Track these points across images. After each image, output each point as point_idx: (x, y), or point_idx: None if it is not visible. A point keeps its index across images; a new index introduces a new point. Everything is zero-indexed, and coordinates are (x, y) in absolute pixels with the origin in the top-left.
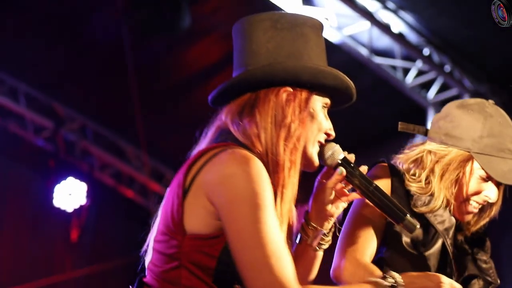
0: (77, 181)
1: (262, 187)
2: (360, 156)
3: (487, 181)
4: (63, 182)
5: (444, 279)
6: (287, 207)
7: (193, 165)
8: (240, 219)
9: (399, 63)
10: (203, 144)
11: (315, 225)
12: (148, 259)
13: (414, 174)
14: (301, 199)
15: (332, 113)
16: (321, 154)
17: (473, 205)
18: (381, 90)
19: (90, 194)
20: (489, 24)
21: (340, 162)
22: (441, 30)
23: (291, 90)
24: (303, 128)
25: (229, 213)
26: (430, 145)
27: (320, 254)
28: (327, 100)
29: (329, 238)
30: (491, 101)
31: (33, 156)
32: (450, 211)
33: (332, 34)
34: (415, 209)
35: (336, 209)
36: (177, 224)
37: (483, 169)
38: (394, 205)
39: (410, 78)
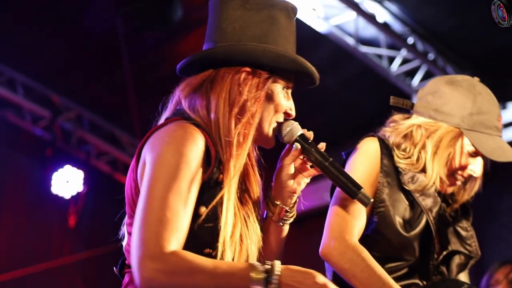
0: (74, 168)
1: (182, 159)
2: (347, 142)
3: (474, 156)
4: (60, 170)
5: (319, 279)
6: (234, 179)
7: (142, 145)
8: (151, 182)
9: (384, 52)
10: (162, 119)
11: (277, 202)
12: (124, 242)
13: (404, 150)
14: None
15: (320, 101)
16: (279, 132)
17: (458, 179)
18: (367, 78)
19: (86, 181)
20: (472, 14)
21: (297, 138)
22: (425, 20)
23: (250, 70)
24: (259, 107)
25: (146, 176)
26: (418, 119)
27: (285, 228)
28: (288, 82)
29: (292, 214)
30: (477, 78)
31: (31, 145)
32: (435, 188)
33: (319, 24)
34: (404, 186)
35: (298, 185)
36: (136, 204)
37: (473, 145)
38: (349, 180)
39: (395, 66)
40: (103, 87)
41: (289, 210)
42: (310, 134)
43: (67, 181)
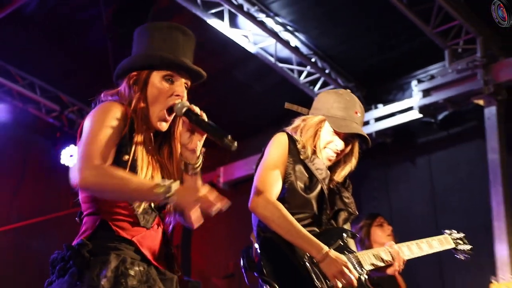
0: (76, 147)
1: (103, 120)
2: (270, 130)
3: (335, 135)
4: (67, 148)
5: (201, 191)
6: (143, 138)
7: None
8: (86, 131)
9: (295, 67)
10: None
11: (184, 160)
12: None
13: (298, 138)
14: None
15: (251, 101)
16: (175, 110)
17: (329, 153)
18: (283, 86)
19: None
20: (354, 43)
21: (184, 111)
22: (323, 46)
23: (136, 73)
24: (143, 97)
25: (84, 130)
26: (305, 117)
27: (196, 177)
28: (166, 72)
29: (196, 166)
30: (348, 90)
31: (46, 129)
32: (324, 163)
33: (249, 46)
34: (303, 160)
35: (194, 144)
36: None
37: (330, 126)
38: (218, 131)
39: (302, 78)
40: (97, 88)
41: (192, 164)
42: (194, 108)
43: (71, 155)
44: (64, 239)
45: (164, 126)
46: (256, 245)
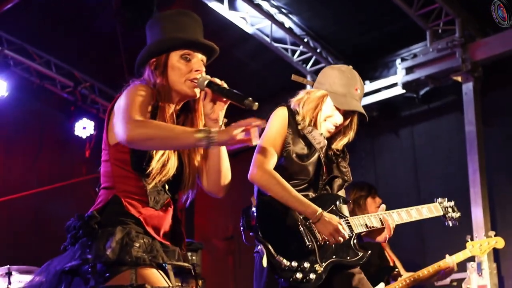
0: (88, 120)
1: (135, 93)
2: (266, 105)
3: (335, 110)
4: (80, 121)
5: (239, 124)
6: (162, 117)
7: (115, 101)
8: (122, 104)
9: (289, 47)
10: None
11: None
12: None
13: (299, 111)
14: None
15: (249, 76)
16: (198, 85)
17: (329, 126)
18: (278, 64)
19: (96, 127)
20: (343, 24)
21: (206, 83)
22: (315, 27)
23: (155, 59)
24: (166, 79)
25: (120, 104)
26: (309, 89)
27: (217, 148)
28: (183, 51)
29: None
30: (350, 67)
31: (61, 104)
32: (321, 134)
33: (247, 28)
34: (301, 130)
35: (216, 114)
36: (105, 141)
37: (332, 101)
38: (239, 95)
39: (296, 56)
40: (108, 66)
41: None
42: (215, 80)
43: (84, 128)
44: (77, 204)
45: (196, 91)
46: (254, 208)
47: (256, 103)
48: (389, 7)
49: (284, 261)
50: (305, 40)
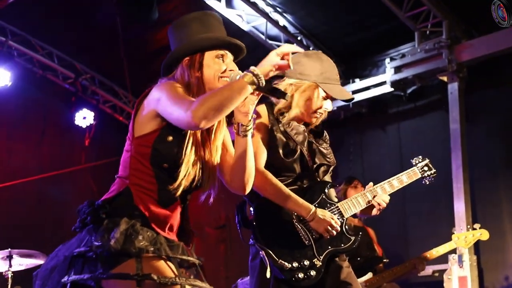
0: (88, 110)
1: (174, 86)
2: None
3: (326, 99)
4: (80, 111)
5: (276, 52)
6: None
7: (145, 95)
8: (164, 96)
9: (283, 44)
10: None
11: (237, 121)
12: (122, 155)
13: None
14: None
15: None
16: (230, 79)
17: (317, 116)
18: None
19: (96, 118)
20: (335, 24)
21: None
22: (307, 25)
23: (188, 58)
24: (200, 77)
25: (161, 97)
26: (290, 80)
27: (247, 139)
28: (218, 51)
29: (249, 128)
30: (320, 51)
31: (63, 94)
32: (302, 125)
33: (243, 25)
34: (282, 126)
35: (246, 107)
36: (130, 131)
37: (325, 92)
38: (272, 88)
39: None
40: (108, 59)
41: (245, 125)
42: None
43: (84, 117)
44: (76, 190)
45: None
46: (251, 208)
47: (288, 93)
48: (379, 8)
49: (286, 264)
50: (299, 38)
